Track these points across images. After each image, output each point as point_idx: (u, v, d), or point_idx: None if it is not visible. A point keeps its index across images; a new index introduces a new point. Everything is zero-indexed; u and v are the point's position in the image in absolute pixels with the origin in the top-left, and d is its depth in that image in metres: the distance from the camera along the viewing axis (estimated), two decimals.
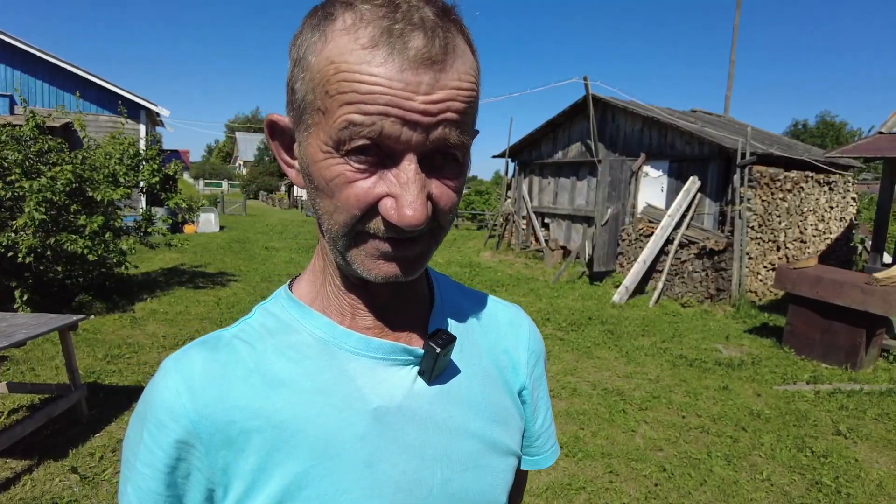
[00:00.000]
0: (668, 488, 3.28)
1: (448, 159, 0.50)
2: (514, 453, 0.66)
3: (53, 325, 3.37)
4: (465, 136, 0.50)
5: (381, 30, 0.46)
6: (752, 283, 8.44)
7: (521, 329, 0.73)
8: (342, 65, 0.46)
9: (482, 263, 11.77)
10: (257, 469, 0.52)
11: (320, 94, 0.48)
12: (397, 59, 0.45)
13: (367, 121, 0.45)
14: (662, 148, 9.69)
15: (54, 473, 3.09)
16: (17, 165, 5.87)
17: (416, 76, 0.45)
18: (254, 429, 0.53)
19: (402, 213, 0.47)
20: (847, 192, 10.12)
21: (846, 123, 39.88)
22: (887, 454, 3.80)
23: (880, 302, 5.13)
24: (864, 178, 18.81)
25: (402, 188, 0.47)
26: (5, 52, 12.88)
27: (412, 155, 0.47)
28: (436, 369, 0.59)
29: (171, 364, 0.55)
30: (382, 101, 0.45)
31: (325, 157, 0.49)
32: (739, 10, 15.96)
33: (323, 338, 0.58)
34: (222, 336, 0.58)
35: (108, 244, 6.28)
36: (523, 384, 0.70)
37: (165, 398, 0.53)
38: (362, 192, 0.48)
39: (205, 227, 16.15)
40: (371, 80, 0.45)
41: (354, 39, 0.46)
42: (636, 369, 5.37)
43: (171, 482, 0.53)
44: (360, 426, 0.55)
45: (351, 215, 0.49)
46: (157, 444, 0.52)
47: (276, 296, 0.62)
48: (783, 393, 4.85)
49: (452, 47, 0.48)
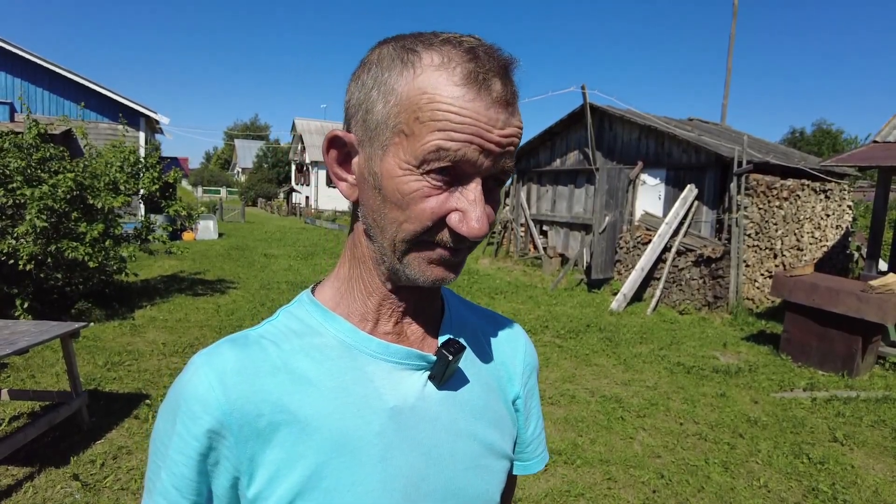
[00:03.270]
0: (665, 495, 3.30)
1: (497, 183, 0.59)
2: (508, 457, 0.72)
3: (55, 332, 3.40)
4: (511, 166, 0.59)
5: (469, 72, 0.54)
6: (749, 290, 8.48)
7: (519, 344, 0.79)
8: (436, 96, 0.53)
9: (481, 270, 11.80)
10: (281, 460, 0.56)
11: (408, 118, 0.54)
12: (485, 99, 0.54)
13: (454, 146, 0.53)
14: (659, 156, 9.76)
15: (56, 481, 3.10)
16: (19, 173, 5.91)
17: (497, 114, 0.54)
18: (281, 422, 0.57)
19: (470, 225, 0.55)
20: (843, 200, 10.19)
21: (842, 131, 40.07)
22: (883, 461, 3.83)
23: (876, 309, 5.17)
24: (860, 185, 18.91)
25: (471, 205, 0.55)
26: (6, 59, 12.94)
27: (479, 178, 0.56)
28: (445, 375, 0.64)
29: (203, 359, 0.59)
30: (469, 132, 0.53)
31: (403, 173, 0.55)
32: (735, 19, 16.10)
33: (346, 341, 0.62)
34: (250, 335, 0.62)
35: (108, 251, 6.31)
36: (517, 394, 0.76)
37: (199, 391, 0.56)
38: (436, 205, 0.55)
39: (204, 235, 16.16)
40: (463, 113, 0.53)
41: (448, 77, 0.54)
42: (634, 376, 5.40)
43: (202, 469, 0.57)
44: (377, 424, 0.60)
45: (423, 226, 0.56)
46: (191, 433, 0.56)
47: (299, 300, 0.67)
48: (780, 400, 4.88)
49: (514, 93, 0.57)
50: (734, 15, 16.19)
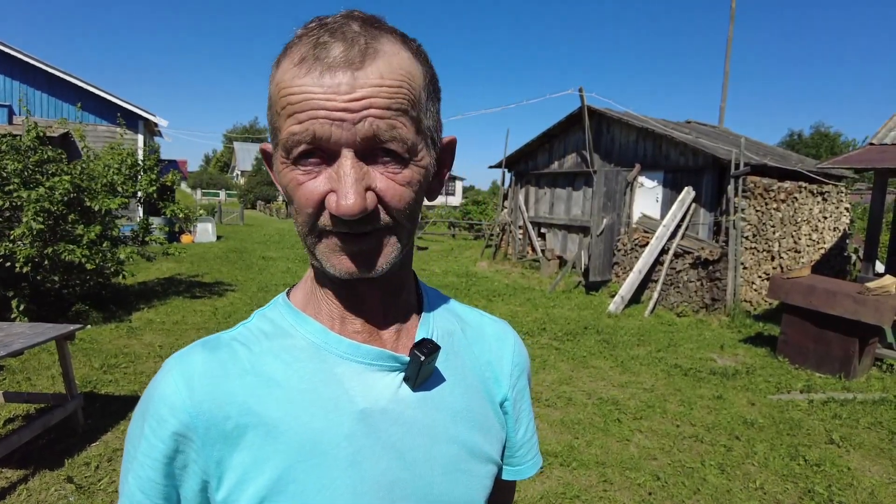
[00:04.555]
0: (661, 497, 3.30)
1: (390, 153, 0.54)
2: (493, 461, 0.69)
3: (50, 334, 3.39)
4: (399, 131, 0.53)
5: (309, 46, 0.52)
6: (746, 292, 8.48)
7: (507, 343, 0.76)
8: (281, 83, 0.53)
9: (479, 273, 11.80)
10: (249, 463, 0.56)
11: (275, 115, 0.55)
12: (318, 68, 0.51)
13: (301, 128, 0.51)
14: (657, 158, 9.77)
15: (50, 483, 3.09)
16: (16, 175, 5.90)
17: (333, 78, 0.50)
18: (248, 424, 0.56)
19: (339, 203, 0.51)
20: (840, 203, 10.21)
21: (840, 134, 40.20)
22: (880, 462, 3.83)
23: (872, 311, 5.17)
24: (858, 188, 18.93)
25: (339, 181, 0.52)
26: (5, 62, 12.94)
27: (347, 151, 0.52)
28: (420, 376, 0.62)
29: (173, 363, 0.59)
30: (309, 107, 0.51)
31: (283, 168, 0.55)
32: (733, 22, 16.15)
33: (315, 342, 0.61)
34: (221, 338, 0.61)
35: (105, 253, 6.30)
36: (505, 395, 0.73)
37: (166, 394, 0.56)
38: (309, 191, 0.54)
39: (202, 237, 16.15)
40: (299, 90, 0.51)
41: (290, 61, 0.53)
42: (631, 379, 5.40)
43: (169, 472, 0.56)
44: (346, 426, 0.58)
45: (306, 214, 0.55)
46: (157, 436, 0.56)
47: (274, 302, 0.66)
48: (777, 402, 4.88)
49: (374, 50, 0.52)
50: (731, 18, 16.24)
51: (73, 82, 13.38)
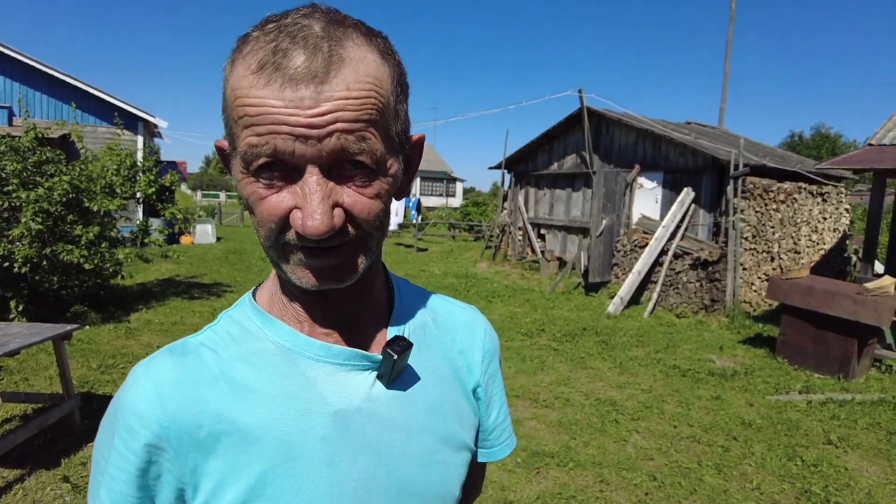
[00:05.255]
0: (658, 497, 3.29)
1: (358, 166, 0.51)
2: (467, 448, 0.70)
3: (47, 334, 3.39)
4: (368, 143, 0.50)
5: (267, 52, 0.48)
6: (746, 293, 8.47)
7: (477, 330, 0.76)
8: (238, 90, 0.49)
9: (478, 274, 11.80)
10: (225, 470, 0.55)
11: (231, 121, 0.52)
12: (278, 79, 0.47)
13: (260, 141, 0.48)
14: (657, 159, 9.77)
15: (46, 483, 3.09)
16: (15, 176, 5.91)
17: (295, 92, 0.47)
18: (222, 432, 0.55)
19: (304, 223, 0.49)
20: (840, 203, 10.20)
21: (841, 135, 40.15)
22: (878, 463, 3.82)
23: (871, 312, 5.16)
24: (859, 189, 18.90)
25: (305, 199, 0.49)
26: (4, 64, 12.97)
27: (312, 167, 0.49)
28: (393, 373, 0.62)
29: (141, 371, 0.58)
30: (269, 121, 0.47)
31: (242, 177, 0.52)
32: (733, 23, 16.15)
33: (285, 346, 0.60)
34: (188, 343, 0.60)
35: (103, 254, 6.31)
36: (477, 382, 0.74)
37: (136, 404, 0.55)
38: (272, 206, 0.51)
39: (201, 238, 16.15)
40: (258, 102, 0.48)
41: (247, 66, 0.49)
42: (629, 379, 5.39)
43: (143, 484, 0.55)
44: (321, 428, 0.58)
45: (268, 229, 0.52)
46: (129, 448, 0.55)
47: (240, 303, 0.65)
48: (775, 403, 4.87)
49: (339, 57, 0.49)
50: (731, 18, 16.24)
51: (73, 84, 13.40)
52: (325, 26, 0.50)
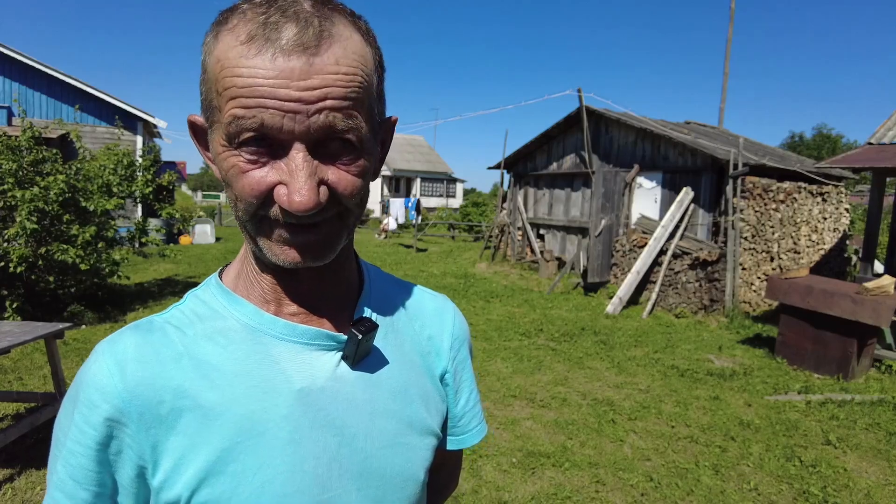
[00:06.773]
0: (654, 498, 3.26)
1: (344, 144, 0.52)
2: (433, 433, 0.69)
3: (38, 332, 3.37)
4: (355, 121, 0.51)
5: (258, 25, 0.48)
6: (745, 293, 8.44)
7: (446, 317, 0.77)
8: (225, 62, 0.49)
9: (477, 274, 11.77)
10: (185, 446, 0.55)
11: (214, 93, 0.51)
12: (269, 50, 0.47)
13: (248, 114, 0.48)
14: (656, 159, 9.74)
15: (36, 482, 3.07)
16: (11, 175, 5.89)
17: (287, 62, 0.47)
18: (183, 408, 0.55)
19: (291, 199, 0.49)
20: (840, 203, 10.16)
21: (842, 136, 40.14)
22: (877, 463, 3.79)
23: (871, 312, 5.13)
24: (860, 189, 18.87)
25: (291, 176, 0.49)
26: (3, 63, 12.96)
27: (299, 143, 0.49)
28: (358, 354, 0.62)
29: (105, 346, 0.57)
30: (258, 94, 0.47)
31: (222, 150, 0.52)
32: (732, 23, 16.13)
33: (249, 324, 0.60)
34: (154, 321, 0.60)
35: (100, 254, 6.28)
36: (445, 368, 0.74)
37: (98, 378, 0.55)
38: (255, 181, 0.51)
39: (200, 239, 16.14)
40: (247, 73, 0.48)
41: (235, 37, 0.49)
42: (627, 380, 5.36)
43: (102, 459, 0.54)
44: (284, 406, 0.58)
45: (248, 203, 0.52)
46: (88, 422, 0.54)
47: (206, 283, 0.65)
48: (774, 403, 4.84)
49: (329, 34, 0.49)
50: (731, 20, 16.22)
51: (73, 84, 13.40)
52: (314, 3, 0.51)
